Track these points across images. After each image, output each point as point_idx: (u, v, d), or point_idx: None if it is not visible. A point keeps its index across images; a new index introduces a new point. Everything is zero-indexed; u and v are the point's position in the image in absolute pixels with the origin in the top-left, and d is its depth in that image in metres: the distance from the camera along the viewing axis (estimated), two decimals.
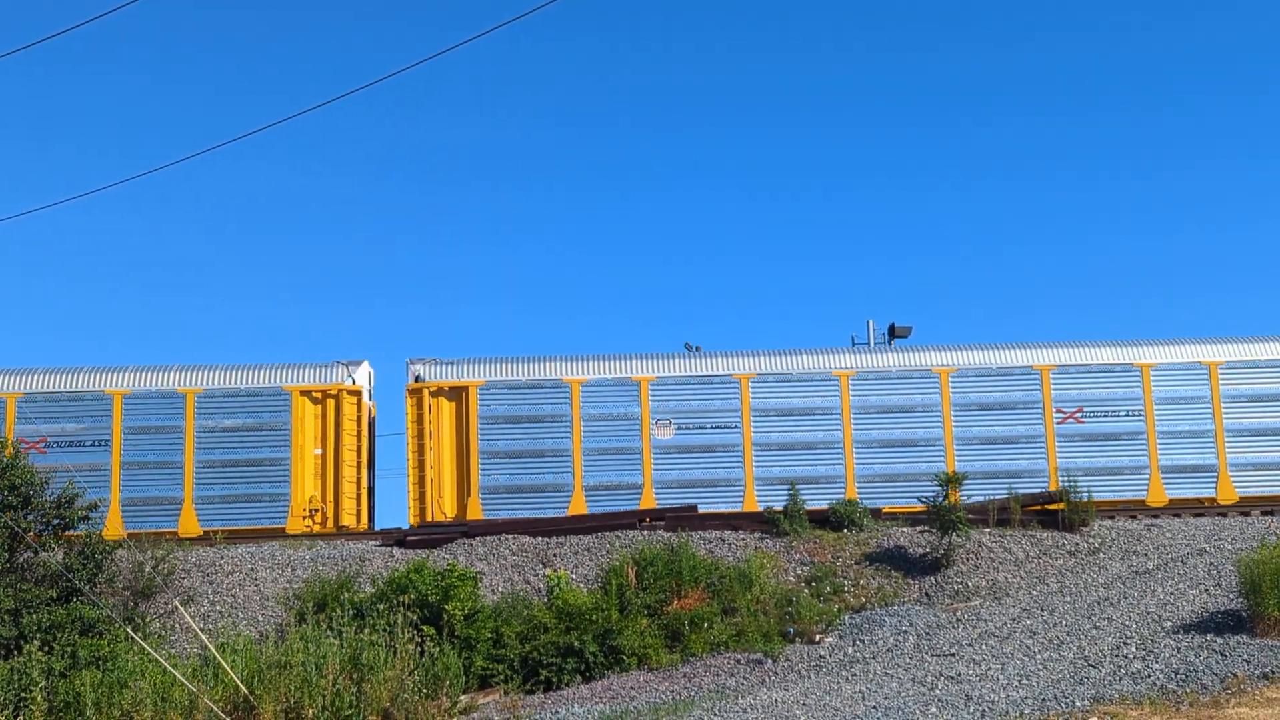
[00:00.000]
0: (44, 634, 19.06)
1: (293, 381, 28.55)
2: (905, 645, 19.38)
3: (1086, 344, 29.73)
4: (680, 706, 16.84)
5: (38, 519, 21.63)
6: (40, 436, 27.58)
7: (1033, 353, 29.47)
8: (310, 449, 28.32)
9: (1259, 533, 23.76)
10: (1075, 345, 29.69)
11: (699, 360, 29.80)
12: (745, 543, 25.20)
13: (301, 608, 21.27)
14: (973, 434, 28.87)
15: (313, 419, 28.46)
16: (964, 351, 29.60)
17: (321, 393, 28.55)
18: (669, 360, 29.65)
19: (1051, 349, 29.58)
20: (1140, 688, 14.48)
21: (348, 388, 28.66)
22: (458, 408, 28.71)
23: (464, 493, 28.47)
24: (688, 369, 29.39)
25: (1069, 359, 29.32)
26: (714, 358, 29.68)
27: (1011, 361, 29.34)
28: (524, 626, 20.62)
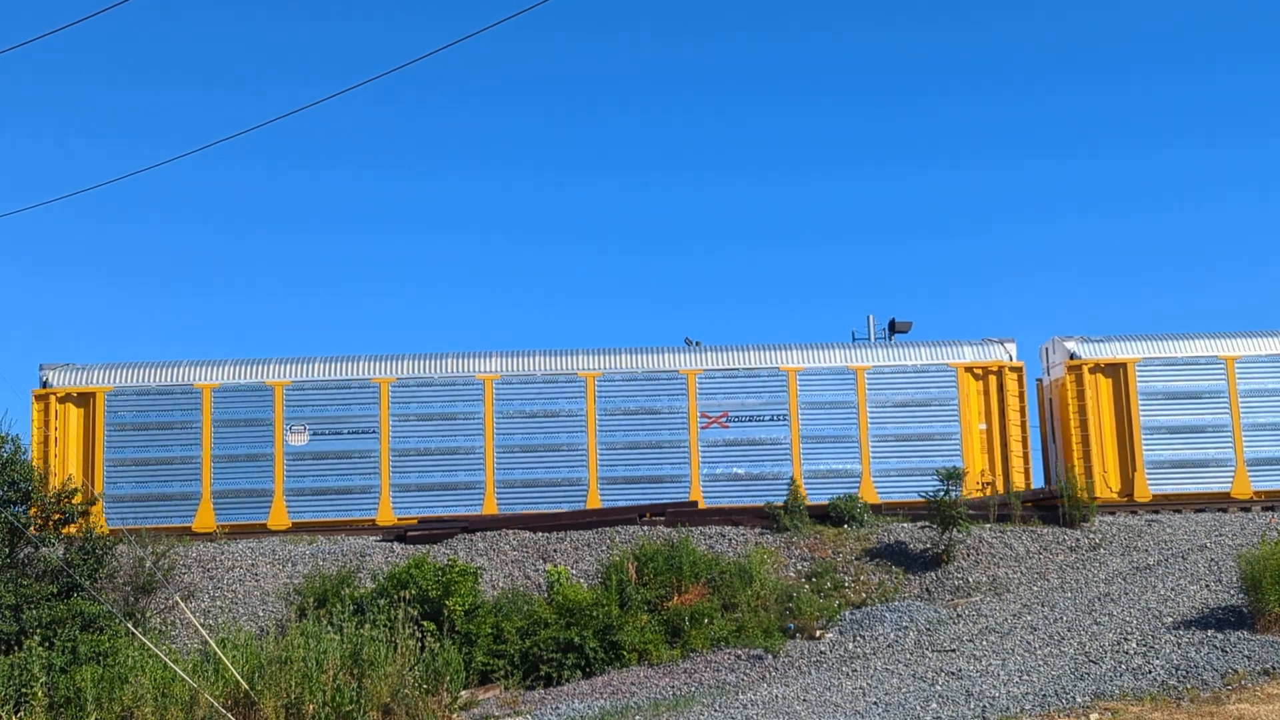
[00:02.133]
0: (45, 629, 19.07)
1: (958, 359, 29.23)
2: (906, 641, 19.37)
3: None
4: (681, 702, 16.85)
5: (38, 514, 21.62)
6: None
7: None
8: (977, 423, 28.95)
9: (1260, 529, 23.75)
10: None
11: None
12: (746, 538, 25.19)
13: (302, 603, 21.27)
14: None
15: (976, 395, 29.09)
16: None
17: (983, 369, 29.15)
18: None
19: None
20: (1141, 684, 14.47)
21: (1009, 364, 29.18)
22: None
23: None
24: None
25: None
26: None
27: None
28: (524, 622, 20.61)
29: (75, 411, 28.03)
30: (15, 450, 21.92)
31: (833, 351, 29.50)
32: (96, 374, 28.35)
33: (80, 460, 27.83)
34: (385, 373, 28.51)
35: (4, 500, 21.07)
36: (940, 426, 28.71)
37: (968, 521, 24.23)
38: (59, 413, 27.86)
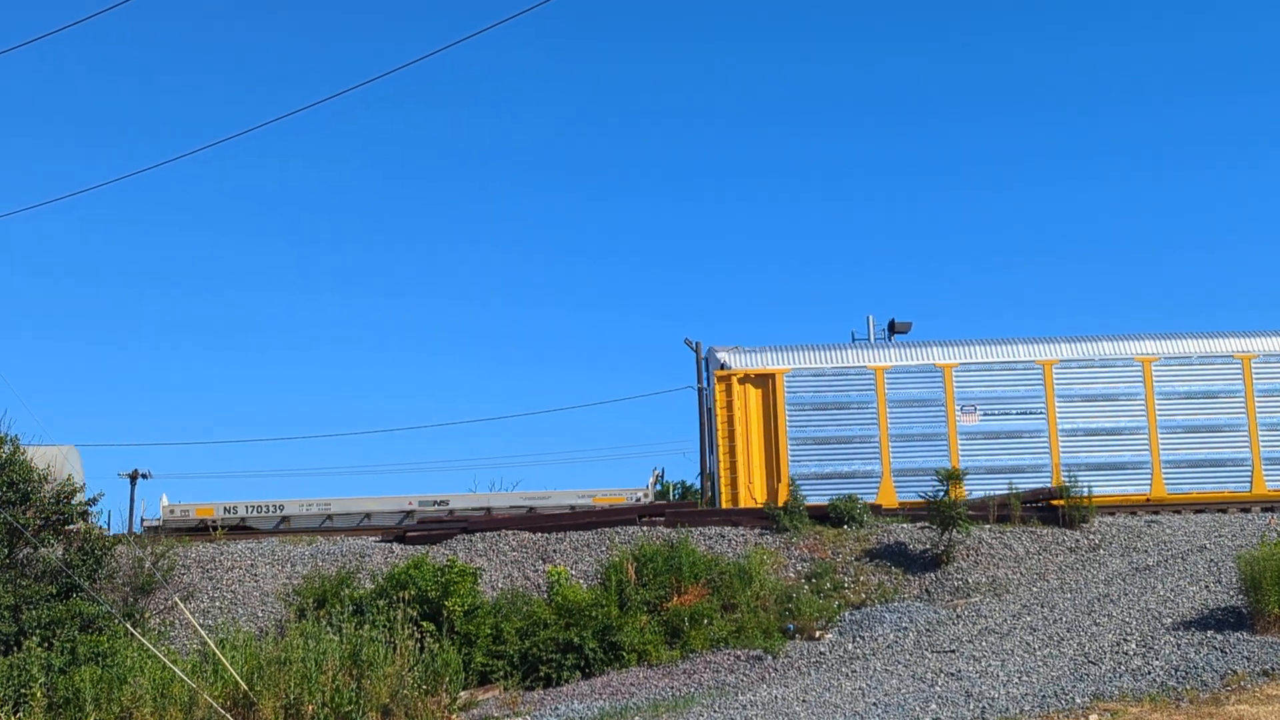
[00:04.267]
0: (44, 630, 19.06)
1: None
2: (905, 642, 19.36)
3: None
4: (680, 703, 16.83)
5: (36, 515, 21.58)
6: None
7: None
8: None
9: (1259, 529, 23.75)
10: None
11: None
12: (745, 539, 25.18)
13: (301, 604, 21.26)
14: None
15: None
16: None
17: None
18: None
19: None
20: (1140, 685, 14.46)
21: None
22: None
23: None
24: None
25: None
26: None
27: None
28: (524, 622, 20.61)
29: (754, 392, 29.13)
30: (14, 450, 21.89)
31: None
32: (771, 356, 29.50)
33: (761, 438, 28.97)
34: (1047, 355, 29.39)
35: (3, 501, 21.04)
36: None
37: (967, 522, 24.22)
38: (739, 393, 29.06)
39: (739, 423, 28.99)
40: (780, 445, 28.81)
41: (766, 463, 28.81)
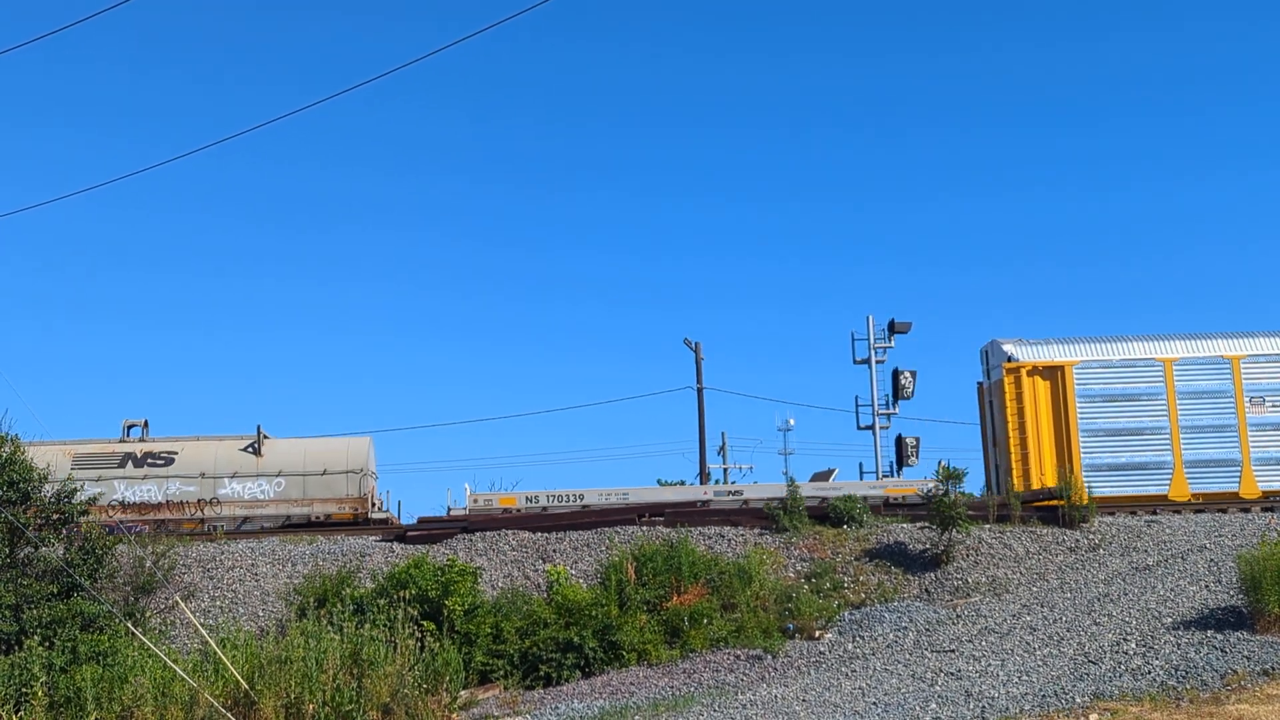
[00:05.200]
0: (45, 629, 19.03)
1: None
2: (905, 641, 19.37)
3: None
4: (680, 702, 16.84)
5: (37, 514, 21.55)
6: None
7: None
8: None
9: (1259, 529, 23.75)
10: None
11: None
12: (745, 539, 25.18)
13: (302, 603, 21.26)
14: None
15: None
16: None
17: None
18: None
19: None
20: (1140, 684, 14.47)
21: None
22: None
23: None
24: None
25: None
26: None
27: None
28: (524, 622, 20.60)
29: (1042, 384, 29.16)
30: (15, 449, 21.85)
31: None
32: (1058, 349, 29.53)
33: (1051, 429, 29.04)
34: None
35: (4, 500, 21.01)
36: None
37: (967, 522, 24.21)
38: (1028, 386, 29.11)
39: (1029, 415, 29.02)
40: (1071, 437, 28.78)
41: (1057, 454, 28.80)
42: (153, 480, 30.11)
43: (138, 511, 29.55)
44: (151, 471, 30.24)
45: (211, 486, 30.11)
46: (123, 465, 30.33)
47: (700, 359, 41.85)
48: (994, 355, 30.35)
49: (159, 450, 30.71)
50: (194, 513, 29.60)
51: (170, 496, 30.02)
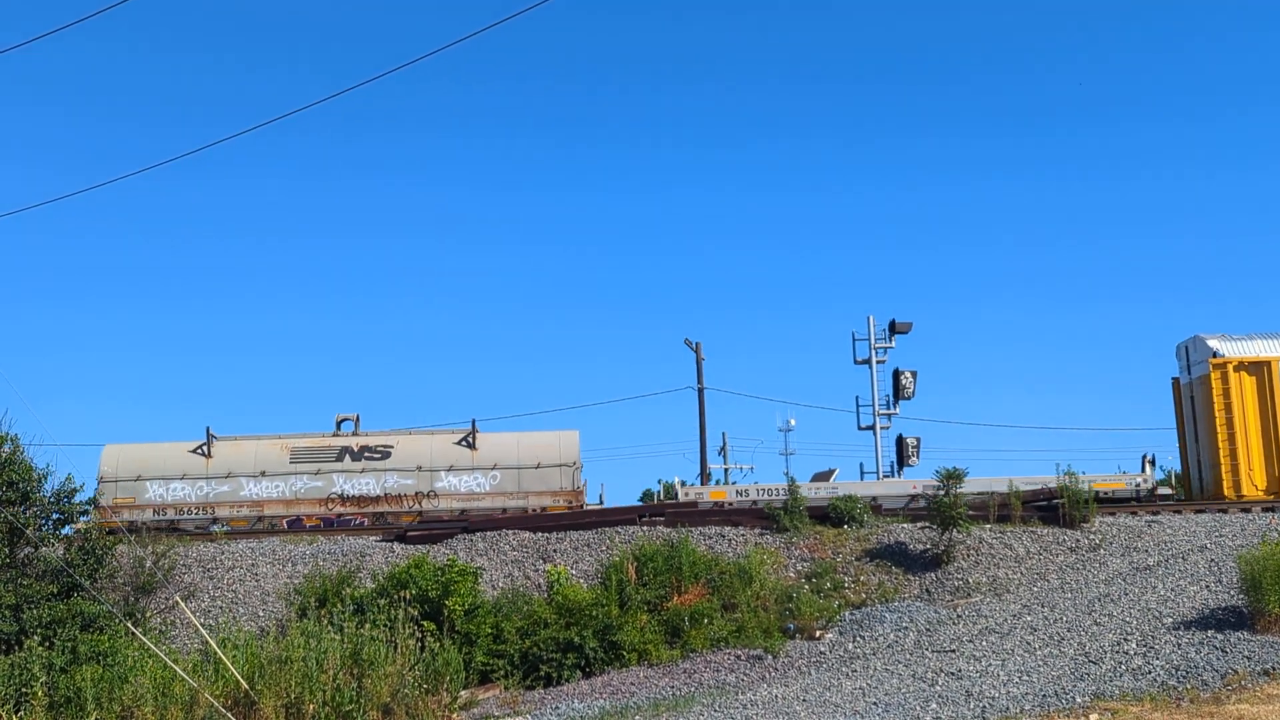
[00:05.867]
0: (45, 629, 19.03)
1: None
2: (906, 641, 19.36)
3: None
4: (680, 702, 16.83)
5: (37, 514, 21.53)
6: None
7: None
8: None
9: (1260, 530, 23.73)
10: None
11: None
12: (745, 539, 25.17)
13: (302, 603, 21.25)
14: None
15: None
16: None
17: None
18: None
19: None
20: (1141, 684, 14.46)
21: None
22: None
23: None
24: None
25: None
26: None
27: None
28: (524, 622, 20.60)
29: (1249, 379, 29.06)
30: (15, 449, 21.82)
31: None
32: (1264, 344, 29.41)
33: (1258, 425, 28.90)
34: None
35: (3, 500, 21.00)
36: None
37: (968, 522, 24.20)
38: (1235, 381, 29.00)
39: (1236, 410, 28.89)
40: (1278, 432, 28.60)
41: (1265, 450, 28.69)
42: (370, 474, 30.63)
43: (357, 505, 30.19)
44: (369, 465, 30.78)
45: (429, 479, 30.61)
46: (340, 459, 30.91)
47: (701, 359, 41.84)
48: (1196, 351, 30.12)
49: (375, 444, 31.25)
50: (412, 505, 29.93)
51: (388, 490, 30.49)
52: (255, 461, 30.84)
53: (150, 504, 30.30)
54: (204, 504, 30.17)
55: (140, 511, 30.09)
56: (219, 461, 30.93)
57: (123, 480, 30.52)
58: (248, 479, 30.66)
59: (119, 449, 31.28)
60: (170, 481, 30.41)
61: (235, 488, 30.51)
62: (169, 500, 30.37)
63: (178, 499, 30.33)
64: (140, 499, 30.23)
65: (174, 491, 30.38)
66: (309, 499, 30.43)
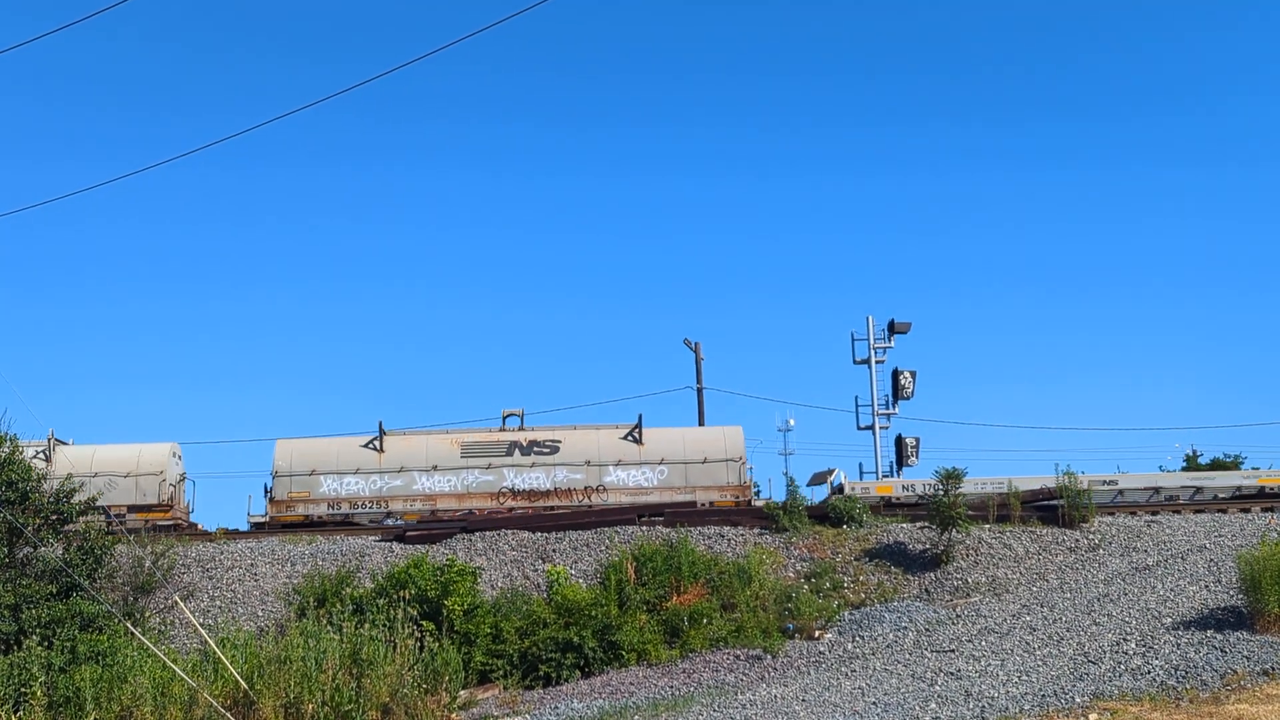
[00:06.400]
0: (44, 629, 19.01)
1: None
2: (905, 641, 19.36)
3: None
4: (680, 702, 16.82)
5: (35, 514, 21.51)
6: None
7: None
8: None
9: (1259, 530, 23.74)
10: None
11: None
12: (745, 539, 25.17)
13: (301, 603, 21.25)
14: None
15: None
16: None
17: None
18: None
19: None
20: (1140, 684, 14.46)
21: None
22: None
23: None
24: None
25: None
26: None
27: None
28: (523, 622, 20.59)
29: None
30: (14, 449, 21.81)
31: None
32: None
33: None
34: None
35: (2, 500, 20.98)
36: None
37: (967, 522, 24.20)
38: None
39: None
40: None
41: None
42: (540, 468, 30.90)
43: (528, 499, 30.40)
44: (539, 460, 31.04)
45: (597, 474, 30.80)
46: (510, 453, 31.19)
47: (700, 359, 41.83)
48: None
49: (543, 439, 31.56)
50: (581, 499, 30.02)
51: (558, 484, 30.76)
52: (427, 456, 31.10)
53: (325, 498, 30.58)
54: (378, 498, 30.32)
55: (315, 506, 30.42)
56: (391, 456, 31.13)
57: (297, 475, 30.82)
58: (420, 473, 30.92)
59: (291, 444, 31.58)
60: (344, 476, 30.68)
61: (408, 482, 30.74)
62: (343, 494, 30.61)
63: (352, 493, 30.57)
64: (314, 493, 30.54)
65: (348, 485, 30.65)
66: (480, 493, 30.68)
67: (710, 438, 31.75)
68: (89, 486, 29.36)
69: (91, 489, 29.32)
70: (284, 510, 29.93)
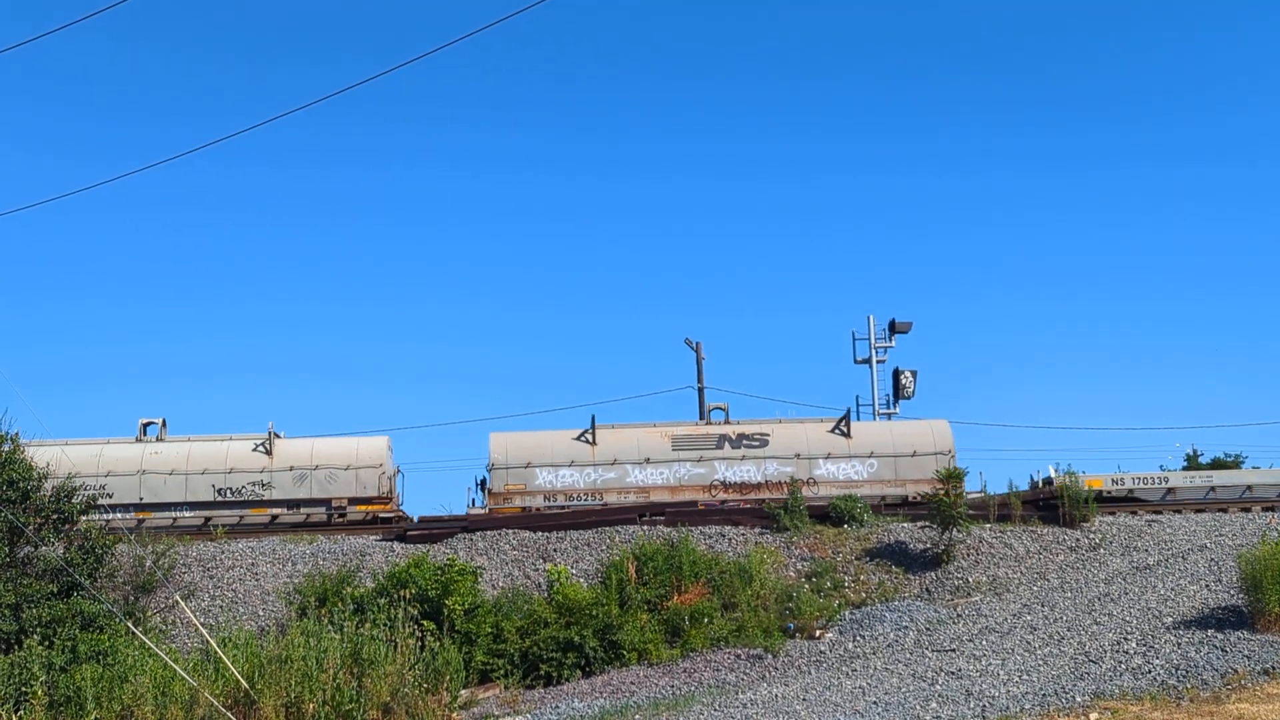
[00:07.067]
0: (44, 628, 19.01)
1: None
2: (906, 641, 19.36)
3: None
4: (680, 702, 16.82)
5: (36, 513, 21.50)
6: None
7: None
8: None
9: (1260, 529, 23.74)
10: None
11: None
12: (745, 538, 25.17)
13: (302, 602, 21.25)
14: None
15: None
16: None
17: None
18: None
19: None
20: (1141, 683, 14.46)
21: None
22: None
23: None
24: None
25: None
26: None
27: None
28: (524, 621, 20.60)
29: None
30: (14, 448, 21.80)
31: None
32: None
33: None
34: None
35: (3, 499, 20.97)
36: None
37: (967, 521, 24.20)
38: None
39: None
40: None
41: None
42: (751, 461, 30.84)
43: (739, 491, 30.38)
44: (749, 452, 31.02)
45: (807, 467, 30.77)
46: (719, 446, 31.14)
47: (701, 359, 41.79)
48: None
49: (751, 432, 31.50)
50: (790, 492, 29.71)
51: (769, 477, 30.66)
52: (638, 449, 31.20)
53: (541, 490, 30.68)
54: (592, 490, 30.34)
55: (531, 498, 30.56)
56: (603, 449, 31.26)
57: (513, 467, 30.89)
58: (633, 466, 31.00)
59: (506, 436, 31.83)
60: (559, 468, 30.78)
61: (621, 474, 30.82)
62: (559, 486, 30.70)
63: (566, 485, 30.66)
64: (530, 485, 30.68)
65: (562, 478, 30.75)
66: (692, 485, 30.62)
67: (918, 431, 31.75)
68: (310, 479, 30.77)
69: (313, 482, 30.47)
70: (501, 502, 30.09)
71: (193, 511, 30.61)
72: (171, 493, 30.74)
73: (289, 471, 30.66)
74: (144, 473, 30.78)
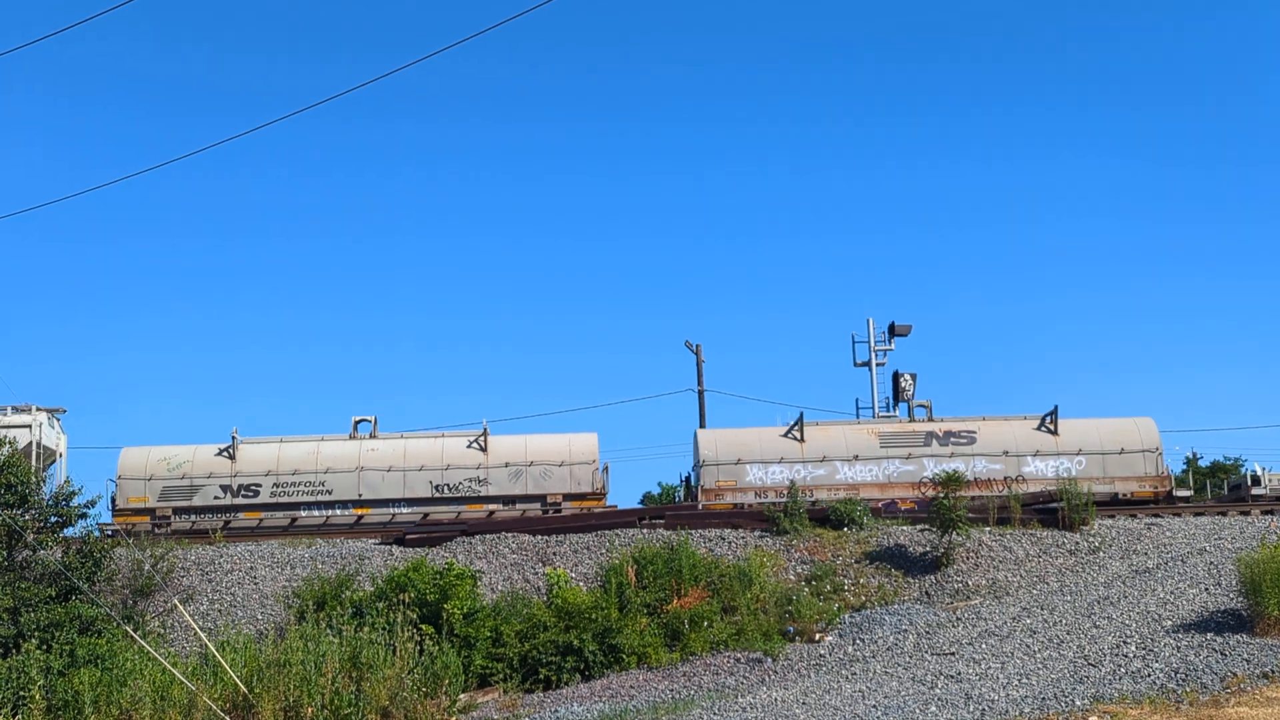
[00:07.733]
0: (43, 632, 19.01)
1: None
2: (905, 644, 19.34)
3: None
4: (680, 705, 16.80)
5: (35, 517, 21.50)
6: None
7: None
8: None
9: (1259, 532, 23.73)
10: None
11: None
12: (745, 541, 25.15)
13: (301, 606, 21.23)
14: None
15: None
16: None
17: None
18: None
19: None
20: (1140, 687, 14.44)
21: None
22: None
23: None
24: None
25: None
26: None
27: None
28: (523, 625, 20.57)
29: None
30: (13, 453, 21.81)
31: None
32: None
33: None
34: None
35: (2, 503, 20.97)
36: None
37: (967, 525, 24.19)
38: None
39: None
40: None
41: None
42: (959, 458, 30.91)
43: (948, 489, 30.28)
44: (957, 450, 31.16)
45: (1016, 464, 30.85)
46: (927, 443, 31.35)
47: (701, 361, 41.76)
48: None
49: (958, 429, 31.70)
50: (1000, 490, 29.66)
51: (977, 474, 30.65)
52: (846, 446, 31.28)
53: (751, 486, 30.78)
54: (801, 486, 30.08)
55: (743, 494, 30.61)
56: (811, 446, 31.34)
57: (723, 464, 31.02)
58: (841, 463, 31.12)
59: (714, 434, 32.04)
60: (769, 465, 30.88)
61: (830, 471, 30.92)
62: (768, 483, 30.76)
63: (775, 482, 30.70)
64: (740, 482, 30.74)
65: (772, 474, 30.81)
66: (901, 483, 30.83)
67: (1124, 428, 31.67)
68: (525, 475, 31.22)
69: (528, 478, 30.96)
70: (713, 499, 30.10)
71: (410, 508, 30.83)
72: (390, 489, 31.02)
73: (504, 468, 31.06)
74: (362, 469, 30.98)
